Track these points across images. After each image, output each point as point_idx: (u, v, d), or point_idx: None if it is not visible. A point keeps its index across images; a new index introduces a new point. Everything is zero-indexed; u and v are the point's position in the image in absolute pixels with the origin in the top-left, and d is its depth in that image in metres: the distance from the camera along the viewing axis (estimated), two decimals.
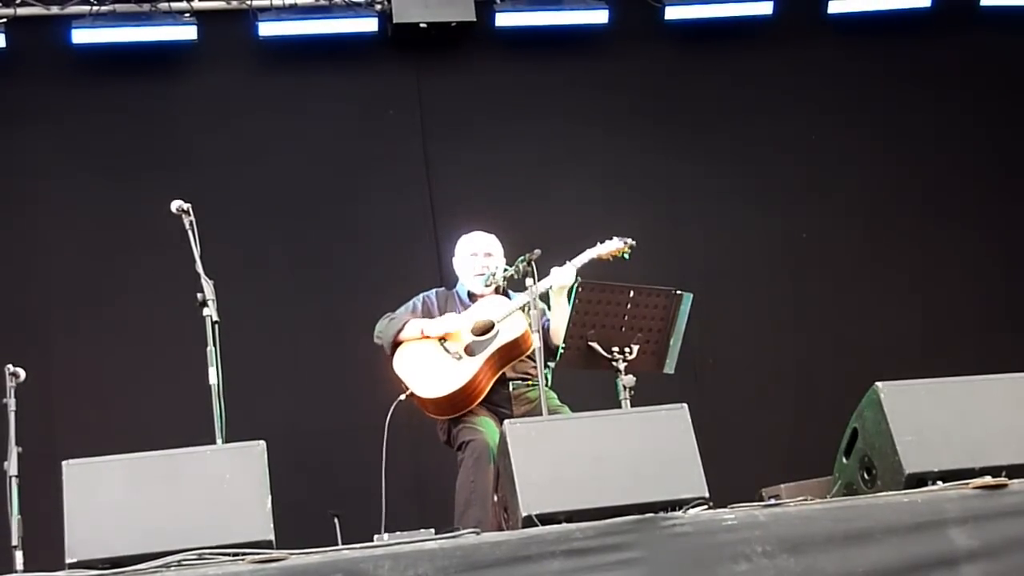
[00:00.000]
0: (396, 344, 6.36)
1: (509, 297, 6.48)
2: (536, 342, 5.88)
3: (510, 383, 6.34)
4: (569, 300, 5.93)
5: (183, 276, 5.67)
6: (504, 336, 6.26)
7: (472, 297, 6.54)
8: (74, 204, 8.75)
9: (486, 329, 6.30)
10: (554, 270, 6.17)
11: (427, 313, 6.50)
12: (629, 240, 6.29)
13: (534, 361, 6.31)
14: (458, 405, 6.23)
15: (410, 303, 6.54)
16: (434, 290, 6.65)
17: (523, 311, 6.23)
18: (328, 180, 9.08)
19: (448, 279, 7.01)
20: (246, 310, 8.05)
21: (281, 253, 8.96)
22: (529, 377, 6.38)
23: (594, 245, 6.30)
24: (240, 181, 8.92)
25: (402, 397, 6.26)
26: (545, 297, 6.21)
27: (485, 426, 6.15)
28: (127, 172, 8.80)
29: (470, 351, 6.27)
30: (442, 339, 6.34)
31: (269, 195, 8.97)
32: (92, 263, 8.68)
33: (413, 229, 9.02)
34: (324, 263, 8.97)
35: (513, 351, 6.29)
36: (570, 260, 6.24)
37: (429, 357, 6.31)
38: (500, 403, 6.32)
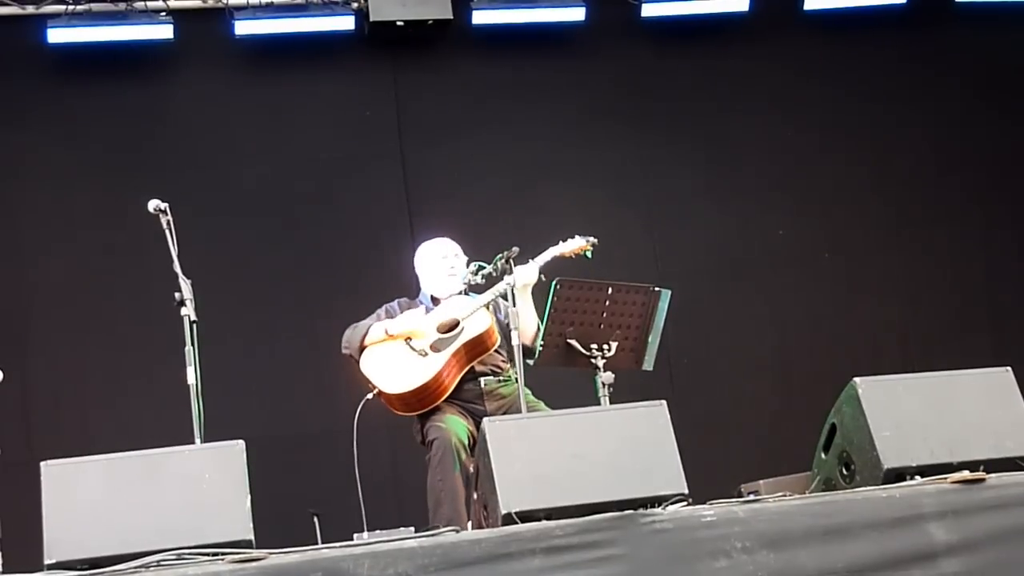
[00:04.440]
0: (362, 349, 6.36)
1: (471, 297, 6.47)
2: (514, 340, 5.88)
3: (481, 379, 6.32)
4: (547, 299, 5.92)
5: (161, 276, 5.65)
6: (469, 332, 6.26)
7: (436, 302, 6.54)
8: (50, 204, 8.70)
9: (451, 327, 6.29)
10: (517, 268, 6.14)
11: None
12: (591, 238, 6.29)
13: (502, 355, 6.34)
14: (425, 400, 6.21)
15: (374, 314, 6.53)
16: (396, 300, 6.62)
17: (487, 308, 6.25)
18: (305, 179, 9.06)
19: None
20: (224, 310, 8.01)
21: (258, 252, 8.93)
22: (500, 371, 6.37)
23: (556, 243, 6.31)
24: (216, 180, 8.89)
25: (369, 396, 6.25)
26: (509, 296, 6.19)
27: (450, 423, 6.11)
28: (103, 171, 8.78)
29: (435, 348, 6.27)
30: (408, 338, 6.33)
31: (245, 194, 8.95)
32: (69, 263, 8.64)
33: (390, 228, 9.00)
34: (301, 263, 8.96)
35: (478, 346, 6.29)
36: (533, 258, 6.24)
37: (395, 355, 6.30)
38: (472, 399, 6.30)
